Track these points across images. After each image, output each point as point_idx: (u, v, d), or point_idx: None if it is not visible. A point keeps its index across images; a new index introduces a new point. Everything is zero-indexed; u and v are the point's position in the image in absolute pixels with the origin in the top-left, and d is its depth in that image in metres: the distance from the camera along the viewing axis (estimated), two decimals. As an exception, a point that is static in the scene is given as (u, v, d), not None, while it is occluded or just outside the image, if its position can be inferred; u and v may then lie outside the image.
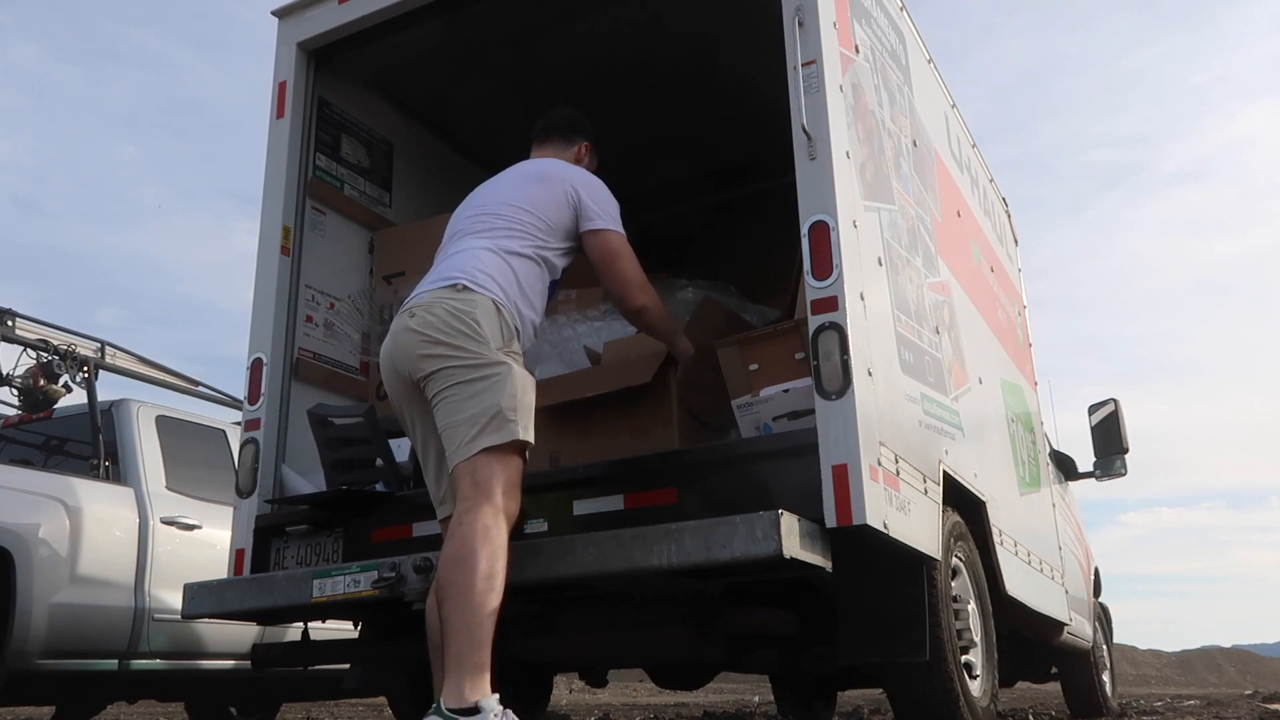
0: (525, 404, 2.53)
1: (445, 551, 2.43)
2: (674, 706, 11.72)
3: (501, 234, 2.75)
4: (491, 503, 2.41)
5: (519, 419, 2.49)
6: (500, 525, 2.40)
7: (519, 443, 2.50)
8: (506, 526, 2.42)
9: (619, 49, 3.89)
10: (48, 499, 4.38)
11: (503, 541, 2.39)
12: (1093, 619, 6.00)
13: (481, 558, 2.32)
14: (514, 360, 2.58)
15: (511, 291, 2.66)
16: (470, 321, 2.54)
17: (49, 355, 5.46)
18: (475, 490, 2.43)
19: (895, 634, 2.76)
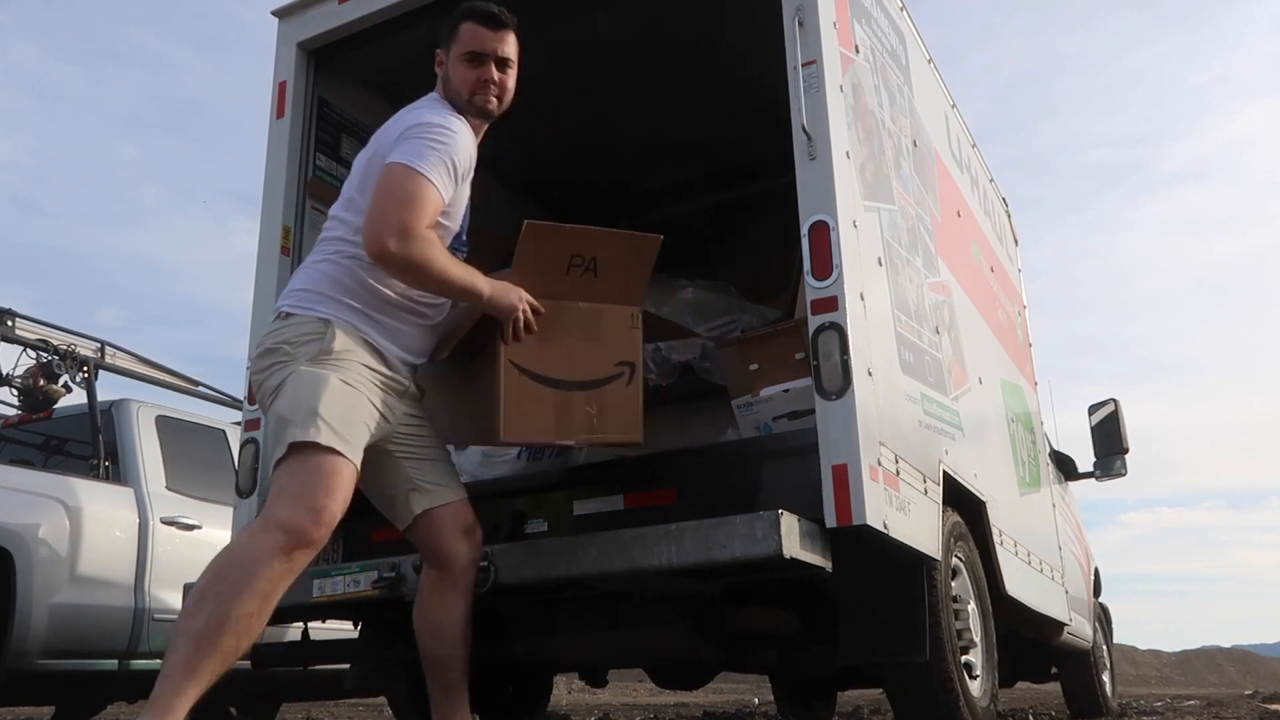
0: (305, 403, 2.26)
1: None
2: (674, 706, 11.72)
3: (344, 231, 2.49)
4: (266, 516, 2.18)
5: (295, 419, 2.25)
6: (262, 542, 2.11)
7: (303, 445, 2.23)
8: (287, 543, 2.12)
9: (619, 49, 3.88)
10: (48, 499, 4.38)
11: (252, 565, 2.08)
12: (1093, 619, 6.00)
13: (206, 577, 2.10)
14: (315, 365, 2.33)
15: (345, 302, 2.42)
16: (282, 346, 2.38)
17: (49, 355, 5.46)
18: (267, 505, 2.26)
19: (895, 634, 2.76)
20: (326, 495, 2.20)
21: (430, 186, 2.37)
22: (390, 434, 2.48)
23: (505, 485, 3.06)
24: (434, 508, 2.51)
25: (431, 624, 2.53)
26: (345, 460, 2.27)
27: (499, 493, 3.02)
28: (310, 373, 2.32)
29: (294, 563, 2.14)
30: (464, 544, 2.52)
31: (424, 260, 2.33)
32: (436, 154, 2.41)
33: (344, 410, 2.30)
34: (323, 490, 2.20)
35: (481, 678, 3.99)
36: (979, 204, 4.66)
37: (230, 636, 2.03)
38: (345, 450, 2.27)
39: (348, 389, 2.33)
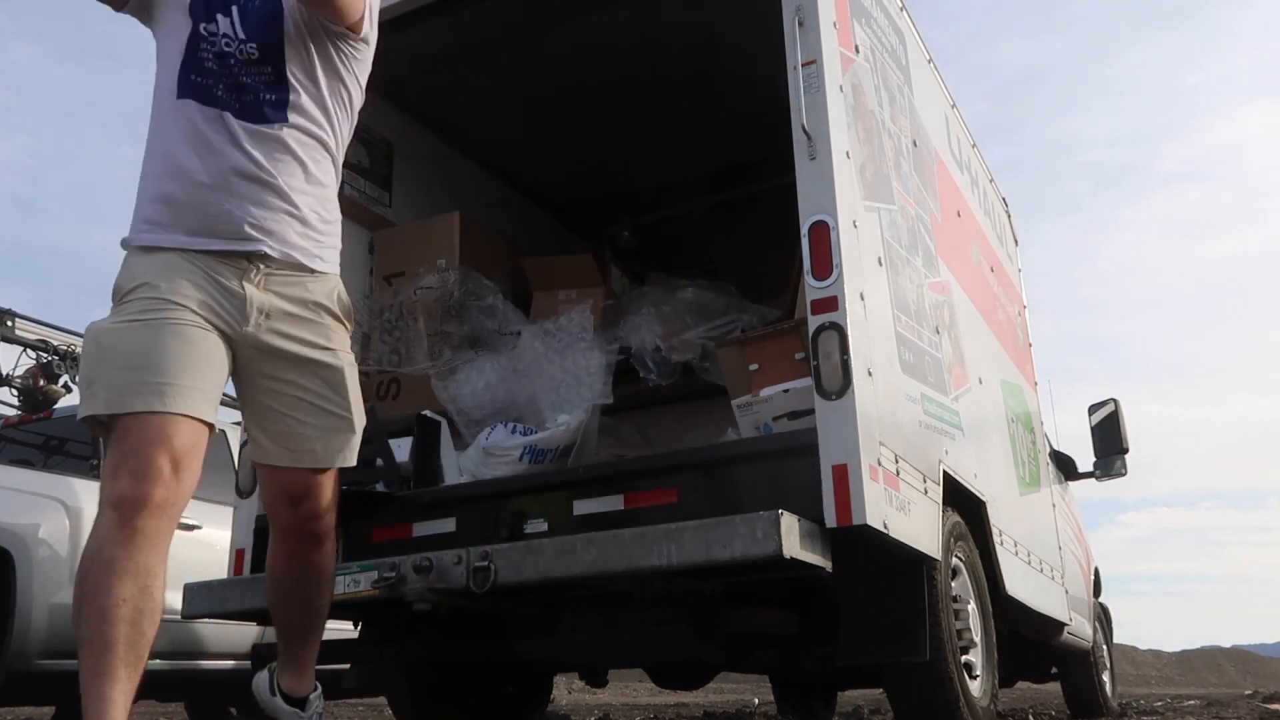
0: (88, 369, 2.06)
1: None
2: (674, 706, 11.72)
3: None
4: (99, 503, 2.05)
5: (84, 392, 2.05)
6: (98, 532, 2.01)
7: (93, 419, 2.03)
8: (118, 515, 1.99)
9: (619, 49, 3.89)
10: (48, 499, 4.38)
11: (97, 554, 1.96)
12: (1093, 619, 6.00)
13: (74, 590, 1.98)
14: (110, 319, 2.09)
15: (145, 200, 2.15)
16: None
17: (49, 355, 5.46)
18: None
19: (895, 634, 2.76)
20: (136, 455, 1.98)
21: None
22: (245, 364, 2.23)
23: (505, 485, 3.06)
24: (263, 464, 2.32)
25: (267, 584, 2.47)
26: (144, 414, 1.98)
27: (499, 493, 3.02)
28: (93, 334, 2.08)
29: (140, 526, 1.99)
30: (286, 510, 2.33)
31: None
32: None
33: (125, 358, 2.02)
34: (134, 451, 1.99)
35: (481, 678, 4.01)
36: (979, 204, 4.66)
37: (125, 624, 1.93)
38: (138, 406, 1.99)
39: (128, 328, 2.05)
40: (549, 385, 3.47)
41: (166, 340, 2.05)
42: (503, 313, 3.80)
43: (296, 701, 2.50)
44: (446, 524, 3.00)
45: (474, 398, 3.51)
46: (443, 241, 3.86)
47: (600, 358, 3.49)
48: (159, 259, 2.10)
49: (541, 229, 4.98)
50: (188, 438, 2.03)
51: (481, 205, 4.48)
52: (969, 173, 4.54)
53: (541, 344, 3.55)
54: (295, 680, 2.51)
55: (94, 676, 1.88)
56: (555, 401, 3.43)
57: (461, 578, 2.61)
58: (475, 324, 3.77)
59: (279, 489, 2.31)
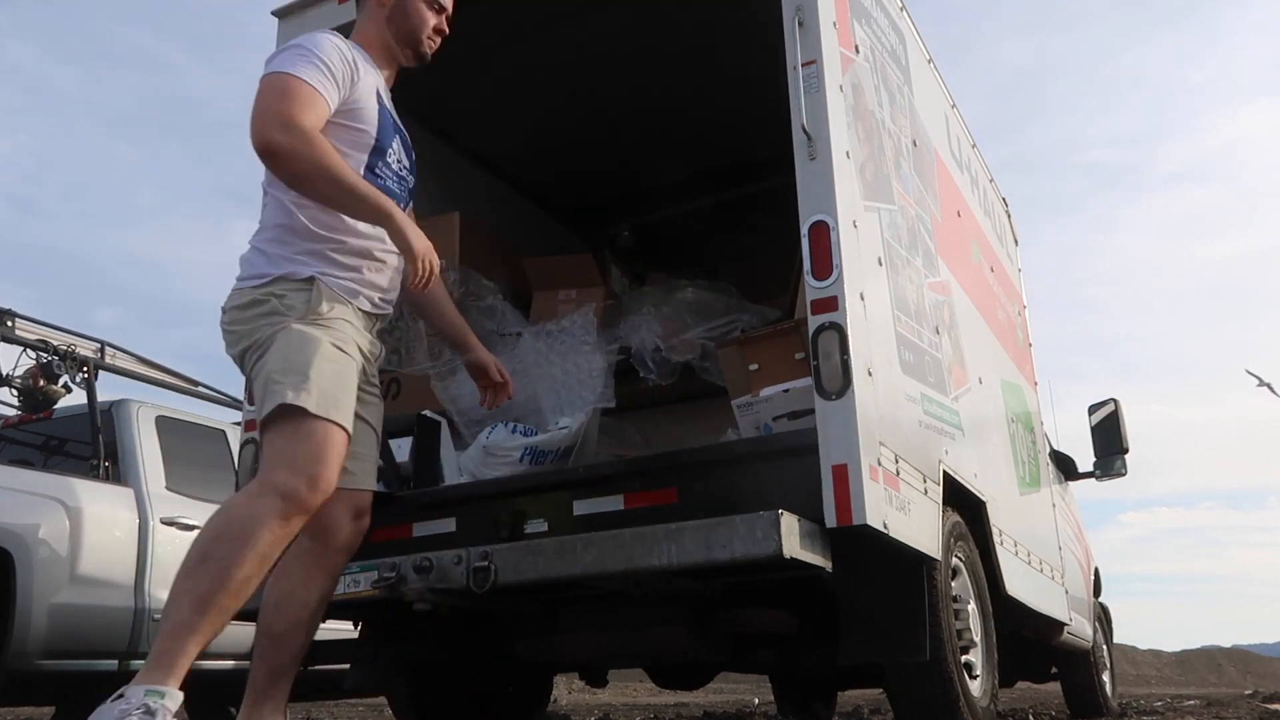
0: (296, 362, 2.25)
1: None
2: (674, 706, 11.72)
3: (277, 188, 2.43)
4: (262, 480, 2.19)
5: (285, 380, 2.23)
6: (259, 507, 2.13)
7: (294, 409, 2.21)
8: (285, 509, 2.15)
9: (618, 49, 3.89)
10: (48, 499, 4.38)
11: (251, 530, 2.10)
12: (1093, 619, 6.00)
13: (205, 539, 2.12)
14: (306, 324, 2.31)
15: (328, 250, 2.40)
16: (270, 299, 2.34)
17: (49, 356, 5.46)
18: (261, 470, 2.25)
19: (895, 634, 2.76)
20: (322, 463, 2.21)
21: (301, 82, 2.30)
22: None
23: (505, 485, 3.06)
24: (346, 489, 2.45)
25: (281, 593, 2.40)
26: (338, 428, 2.27)
27: (499, 493, 3.01)
28: (302, 332, 2.29)
29: (290, 527, 2.18)
30: (349, 525, 2.47)
31: (313, 154, 2.24)
32: (301, 58, 2.35)
33: (335, 376, 2.30)
34: (319, 458, 2.21)
35: (481, 678, 4.01)
36: (979, 204, 4.66)
37: (230, 597, 2.08)
38: (338, 418, 2.28)
39: (338, 353, 2.33)
40: (550, 386, 3.47)
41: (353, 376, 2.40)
42: (502, 313, 3.80)
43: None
44: (446, 524, 3.00)
45: (474, 398, 3.51)
46: (442, 241, 3.84)
47: (602, 360, 3.49)
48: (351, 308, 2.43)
49: (541, 229, 4.98)
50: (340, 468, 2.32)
51: (481, 205, 4.48)
52: (969, 173, 4.54)
53: (543, 344, 3.54)
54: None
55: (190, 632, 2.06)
56: (556, 403, 3.43)
57: (461, 578, 2.61)
58: (474, 324, 3.76)
59: (351, 507, 2.49)
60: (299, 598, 2.41)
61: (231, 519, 2.13)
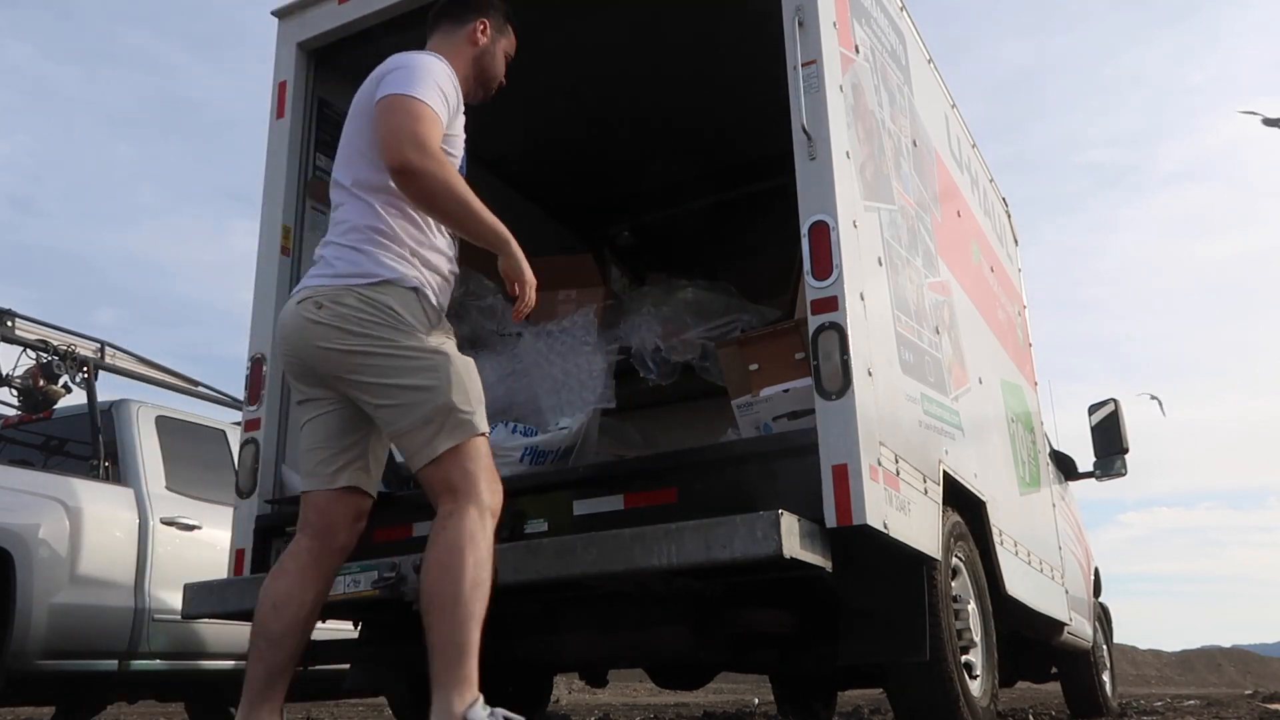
0: (476, 393, 2.39)
1: (429, 557, 2.35)
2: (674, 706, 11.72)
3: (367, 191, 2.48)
4: (476, 503, 2.29)
5: (474, 409, 2.35)
6: (486, 527, 2.29)
7: (482, 435, 2.37)
8: (492, 524, 2.32)
9: (619, 49, 3.89)
10: (48, 499, 4.38)
11: (489, 546, 2.28)
12: (1093, 619, 6.00)
13: (469, 565, 2.22)
14: (450, 344, 2.42)
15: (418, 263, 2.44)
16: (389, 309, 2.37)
17: (49, 356, 5.45)
18: (454, 494, 2.30)
19: (895, 634, 2.76)
20: (496, 474, 2.39)
21: (426, 106, 2.37)
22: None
23: (505, 485, 3.05)
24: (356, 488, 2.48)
25: (278, 593, 2.40)
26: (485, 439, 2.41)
27: (499, 493, 3.01)
28: (465, 359, 2.42)
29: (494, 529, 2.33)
30: (347, 529, 2.48)
31: (446, 175, 2.33)
32: (423, 81, 2.42)
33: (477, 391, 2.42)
34: (493, 469, 2.39)
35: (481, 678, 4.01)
36: (979, 204, 4.67)
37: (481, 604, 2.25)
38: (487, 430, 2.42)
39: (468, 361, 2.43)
40: (550, 387, 3.47)
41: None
42: (502, 313, 3.80)
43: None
44: (446, 524, 2.99)
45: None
46: (442, 241, 3.85)
47: (602, 361, 3.49)
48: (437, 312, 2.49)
49: (541, 229, 4.98)
50: None
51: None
52: (969, 173, 4.54)
53: (544, 345, 3.55)
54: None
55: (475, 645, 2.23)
56: (556, 404, 3.43)
57: (461, 578, 2.61)
58: (474, 324, 3.76)
59: (355, 509, 2.50)
60: (296, 598, 2.40)
61: (480, 545, 2.26)
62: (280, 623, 2.39)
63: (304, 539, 2.44)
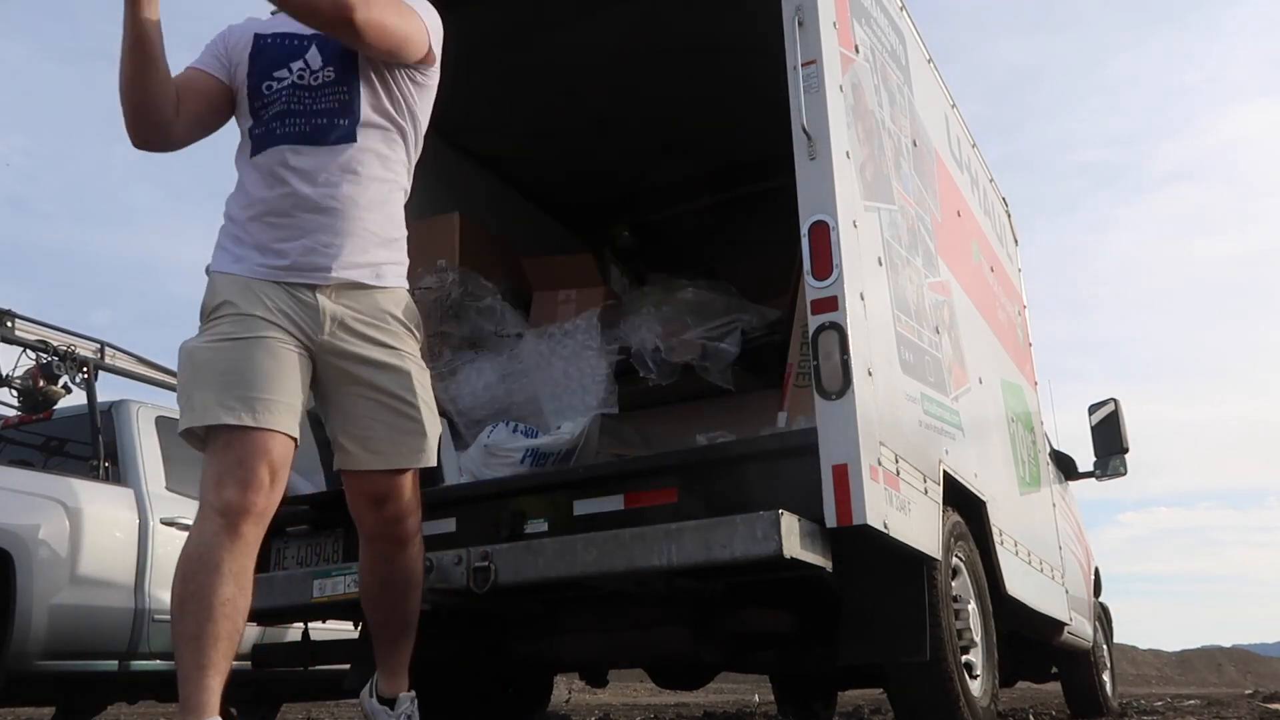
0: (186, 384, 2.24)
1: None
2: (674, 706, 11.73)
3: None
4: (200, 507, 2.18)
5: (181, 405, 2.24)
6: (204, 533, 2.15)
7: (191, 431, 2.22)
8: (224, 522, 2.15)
9: (618, 49, 3.89)
10: (47, 500, 4.38)
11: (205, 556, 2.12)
12: (1093, 619, 6.00)
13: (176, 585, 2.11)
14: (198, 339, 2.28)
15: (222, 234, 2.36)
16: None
17: (48, 356, 5.45)
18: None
19: (895, 634, 2.76)
20: (239, 465, 2.13)
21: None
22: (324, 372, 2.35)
23: (505, 485, 3.06)
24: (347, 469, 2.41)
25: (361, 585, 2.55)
26: (237, 428, 2.15)
27: (499, 493, 3.01)
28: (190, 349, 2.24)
29: (243, 533, 2.12)
30: (370, 513, 2.42)
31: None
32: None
33: (218, 375, 2.18)
34: (235, 462, 2.14)
35: (481, 678, 4.01)
36: (979, 204, 4.66)
37: (222, 622, 2.07)
38: (230, 418, 2.15)
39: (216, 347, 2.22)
40: (551, 389, 3.47)
41: (256, 357, 2.21)
42: (501, 314, 3.80)
43: (387, 701, 2.57)
44: (446, 524, 3.00)
45: (474, 398, 3.51)
46: (442, 241, 3.86)
47: (606, 365, 3.48)
48: (239, 280, 2.27)
49: (541, 229, 4.98)
50: (281, 451, 2.21)
51: (481, 205, 4.48)
52: (969, 172, 4.54)
53: (545, 346, 3.55)
54: (388, 681, 2.58)
55: (197, 669, 2.03)
56: (558, 407, 3.43)
57: (461, 578, 2.61)
58: (474, 325, 3.76)
59: (362, 493, 2.41)
60: (368, 584, 2.51)
61: (189, 555, 2.11)
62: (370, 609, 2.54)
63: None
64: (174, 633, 2.07)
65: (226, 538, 2.09)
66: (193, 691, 2.03)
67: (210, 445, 2.18)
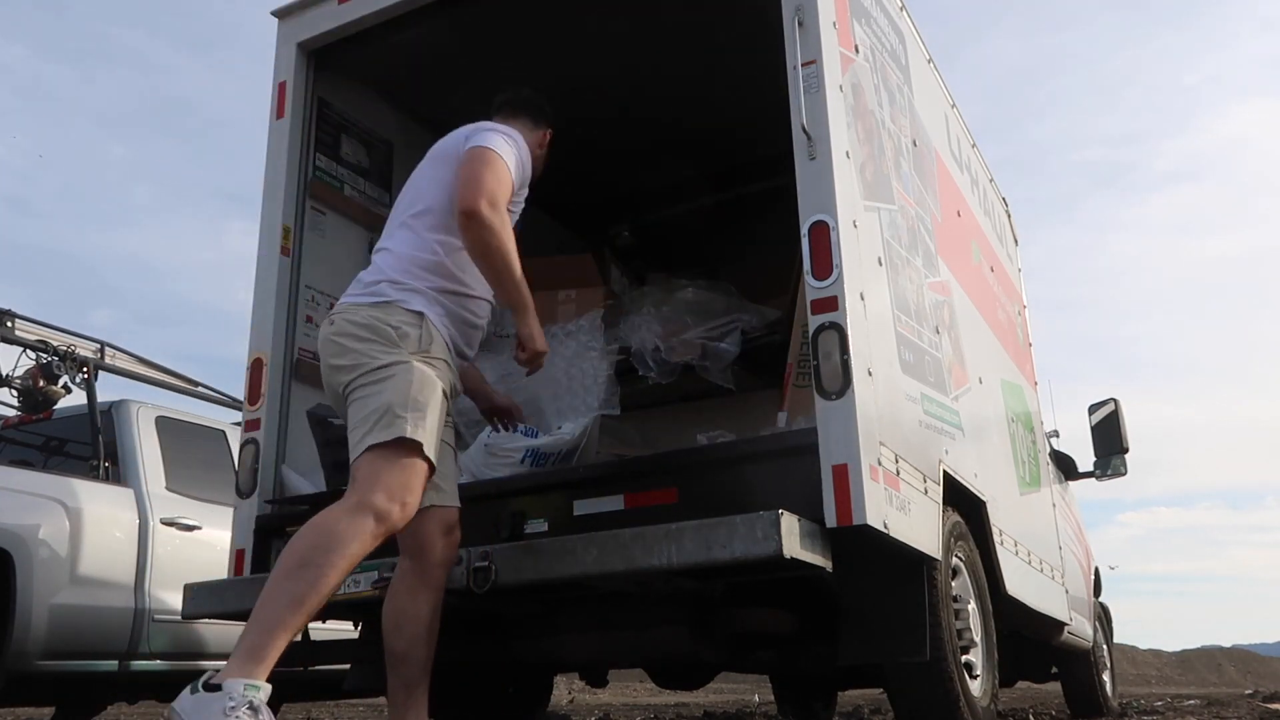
0: (418, 401, 2.42)
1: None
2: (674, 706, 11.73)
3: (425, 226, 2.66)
4: (362, 502, 2.31)
5: (408, 415, 2.39)
6: (358, 525, 2.27)
7: (409, 442, 2.38)
8: (377, 529, 2.30)
9: (619, 49, 3.89)
10: (48, 500, 4.38)
11: (347, 543, 2.25)
12: (1093, 619, 6.00)
13: (305, 546, 2.24)
14: (423, 361, 2.48)
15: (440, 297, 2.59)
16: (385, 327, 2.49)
17: (48, 356, 5.45)
18: (353, 488, 2.35)
19: (895, 634, 2.76)
20: (413, 492, 2.39)
21: (507, 167, 2.61)
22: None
23: (505, 485, 3.06)
24: (437, 505, 2.57)
25: (395, 613, 2.56)
26: (428, 462, 2.43)
27: (499, 493, 3.02)
28: (423, 370, 2.47)
29: (376, 543, 2.32)
30: (442, 541, 2.57)
31: (502, 232, 2.55)
32: (509, 147, 2.66)
33: (437, 413, 2.46)
34: (412, 487, 2.39)
35: (481, 678, 4.01)
36: (979, 204, 4.67)
37: (320, 600, 2.22)
38: (431, 454, 2.43)
39: (441, 393, 2.50)
40: (552, 390, 3.47)
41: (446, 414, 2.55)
42: (500, 314, 3.79)
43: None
44: (447, 524, 2.99)
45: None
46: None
47: (608, 367, 3.48)
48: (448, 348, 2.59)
49: (541, 229, 4.97)
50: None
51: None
52: (969, 172, 4.54)
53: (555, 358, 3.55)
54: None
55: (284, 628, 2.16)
56: (559, 408, 3.42)
57: (461, 578, 2.61)
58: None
59: (442, 524, 2.59)
60: (410, 614, 2.54)
61: (330, 532, 2.26)
62: (403, 641, 2.54)
63: (405, 560, 2.59)
64: (281, 587, 2.18)
65: (370, 540, 2.29)
66: (269, 648, 2.14)
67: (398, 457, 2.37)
